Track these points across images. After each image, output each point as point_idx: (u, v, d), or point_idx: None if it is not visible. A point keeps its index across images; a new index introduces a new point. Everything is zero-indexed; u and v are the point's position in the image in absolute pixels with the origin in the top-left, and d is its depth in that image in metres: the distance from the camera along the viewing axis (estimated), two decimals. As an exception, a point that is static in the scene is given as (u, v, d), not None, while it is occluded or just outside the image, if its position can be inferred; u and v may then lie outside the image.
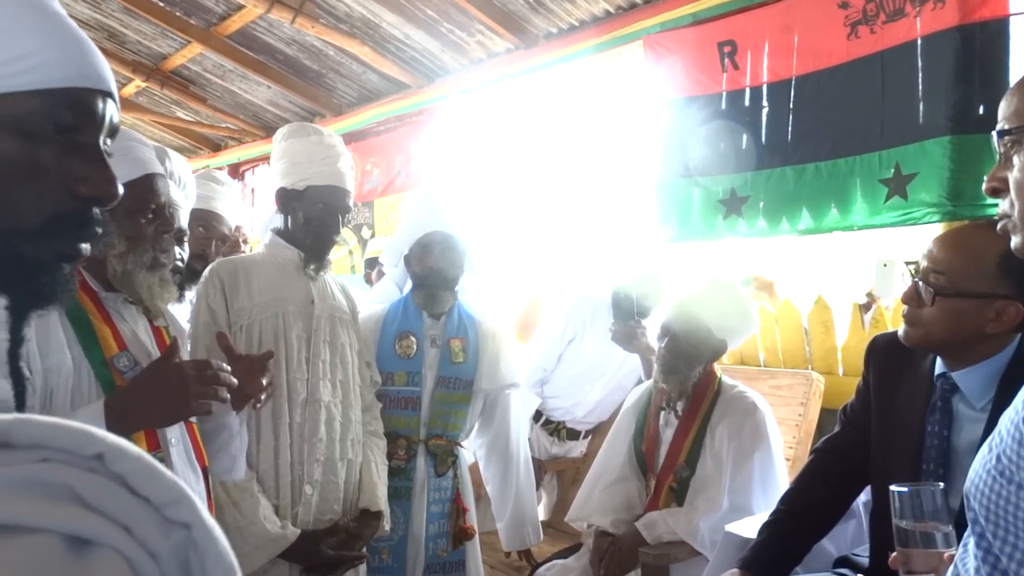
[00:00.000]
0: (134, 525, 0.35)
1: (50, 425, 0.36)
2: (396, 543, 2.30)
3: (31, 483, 0.34)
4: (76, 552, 0.34)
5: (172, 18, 4.74)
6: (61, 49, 0.76)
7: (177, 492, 0.37)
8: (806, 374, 2.92)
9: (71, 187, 0.76)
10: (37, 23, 0.75)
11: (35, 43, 0.74)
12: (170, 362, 1.35)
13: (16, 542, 0.32)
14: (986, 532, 0.87)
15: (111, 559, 0.34)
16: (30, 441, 0.36)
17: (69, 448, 0.36)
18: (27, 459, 0.35)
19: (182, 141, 6.74)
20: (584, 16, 3.72)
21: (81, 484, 0.35)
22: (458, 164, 4.68)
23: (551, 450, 3.34)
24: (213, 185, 2.63)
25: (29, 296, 0.78)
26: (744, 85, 3.13)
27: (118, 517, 0.35)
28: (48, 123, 0.75)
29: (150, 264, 1.45)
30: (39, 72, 0.74)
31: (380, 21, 4.22)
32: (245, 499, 1.88)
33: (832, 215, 2.84)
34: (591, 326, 3.15)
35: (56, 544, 0.33)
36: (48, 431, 0.36)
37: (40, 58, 0.74)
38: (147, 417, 1.32)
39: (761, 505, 2.18)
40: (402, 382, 2.34)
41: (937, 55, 2.53)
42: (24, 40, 0.73)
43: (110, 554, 0.34)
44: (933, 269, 1.51)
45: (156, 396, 1.30)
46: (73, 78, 0.76)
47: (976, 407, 1.53)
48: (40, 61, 0.74)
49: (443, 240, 2.35)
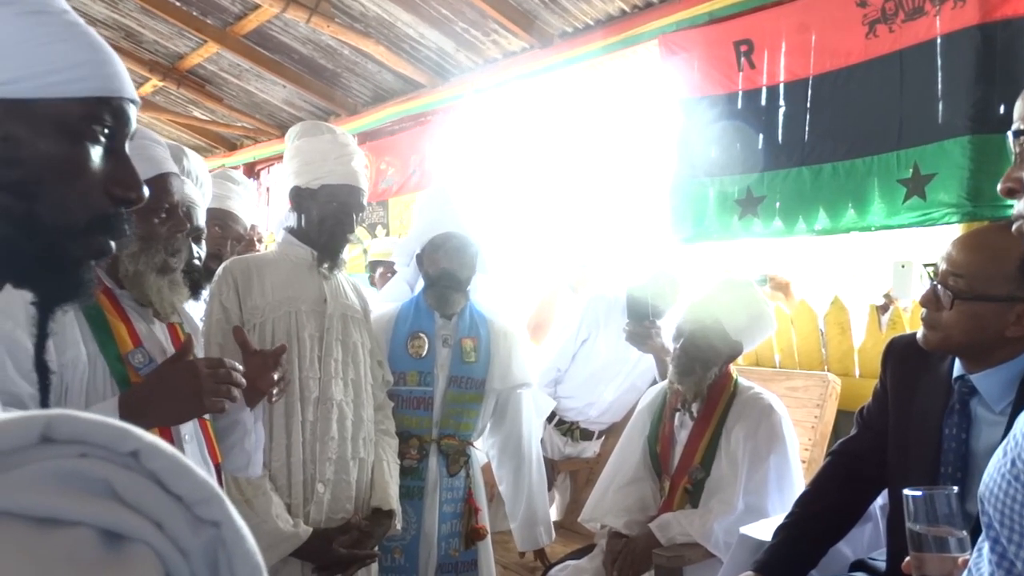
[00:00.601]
0: (166, 522, 0.36)
1: (90, 421, 0.37)
2: (408, 543, 2.30)
3: (70, 477, 0.35)
4: (111, 546, 0.35)
5: (189, 18, 4.77)
6: (105, 64, 0.83)
7: (208, 491, 0.38)
8: (822, 376, 2.89)
9: (107, 188, 0.82)
10: (81, 38, 0.82)
11: (82, 55, 0.81)
12: (184, 360, 1.36)
13: (56, 535, 0.33)
14: (1000, 537, 0.85)
15: (144, 554, 0.35)
16: (70, 436, 0.36)
17: (107, 444, 0.37)
18: (67, 453, 0.36)
19: (198, 140, 6.79)
20: (599, 15, 3.71)
21: (117, 480, 0.36)
22: (472, 163, 4.68)
23: (564, 450, 3.33)
24: (229, 184, 2.63)
25: (57, 292, 0.82)
26: (761, 84, 3.10)
27: (151, 513, 0.36)
28: (93, 128, 0.81)
29: (160, 267, 1.46)
30: (88, 81, 0.80)
31: (395, 20, 4.22)
32: (258, 497, 1.88)
33: (849, 215, 2.81)
34: (605, 326, 3.14)
35: (93, 537, 0.34)
36: (88, 427, 0.37)
37: (87, 70, 0.81)
38: (161, 414, 1.33)
39: (777, 507, 2.16)
40: (414, 382, 2.34)
41: (957, 54, 2.50)
42: (73, 53, 0.80)
43: (143, 549, 0.35)
44: (952, 272, 1.49)
45: (170, 393, 1.31)
46: (112, 89, 0.83)
47: (995, 410, 1.51)
48: (88, 72, 0.81)
49: (455, 241, 2.35)
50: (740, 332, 2.39)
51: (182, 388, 1.31)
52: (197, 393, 1.31)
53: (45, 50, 0.79)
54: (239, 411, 1.60)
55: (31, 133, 0.77)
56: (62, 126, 0.79)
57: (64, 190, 0.79)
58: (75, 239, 0.80)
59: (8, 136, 0.76)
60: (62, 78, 0.79)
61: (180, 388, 1.31)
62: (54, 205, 0.78)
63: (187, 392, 1.31)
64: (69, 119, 0.79)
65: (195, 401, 1.32)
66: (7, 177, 0.76)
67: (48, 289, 0.81)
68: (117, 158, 0.84)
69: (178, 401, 1.31)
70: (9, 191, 0.76)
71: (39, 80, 0.78)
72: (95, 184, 0.81)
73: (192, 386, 1.31)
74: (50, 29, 0.80)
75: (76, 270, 0.82)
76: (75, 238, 0.80)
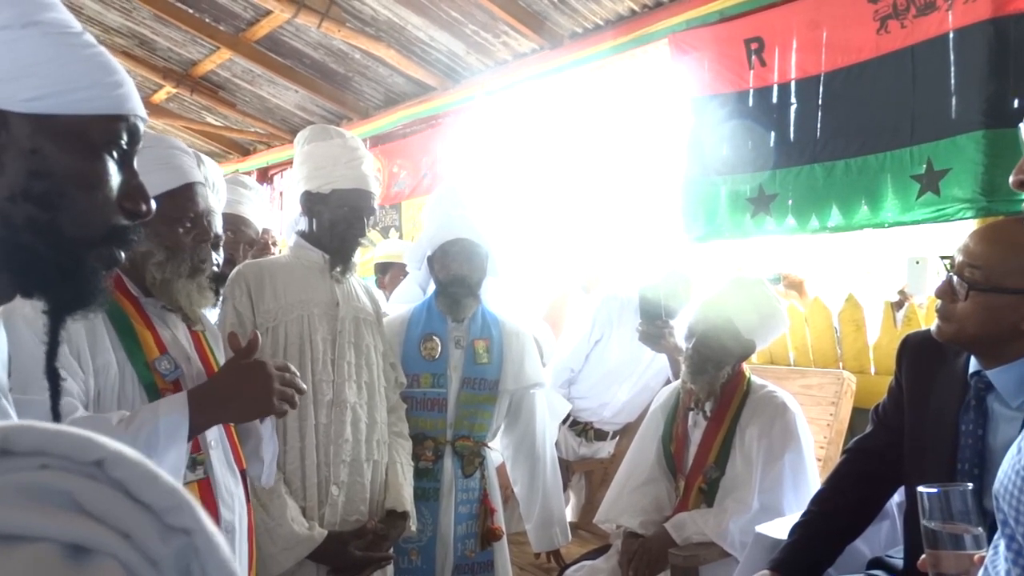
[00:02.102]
0: (134, 531, 0.35)
1: (50, 431, 0.36)
2: (425, 544, 2.31)
3: (31, 491, 0.34)
4: (75, 560, 0.33)
5: (201, 25, 4.80)
6: (122, 84, 0.87)
7: (177, 498, 0.37)
8: (837, 373, 2.88)
9: (120, 201, 0.86)
10: (99, 58, 0.87)
11: (101, 75, 0.85)
12: (254, 359, 1.38)
13: (17, 552, 0.32)
14: (1016, 534, 0.85)
15: (110, 567, 0.34)
16: (30, 448, 0.35)
17: (69, 455, 0.36)
18: (27, 466, 0.35)
19: (212, 146, 6.83)
20: (609, 15, 3.71)
21: (81, 491, 0.35)
22: (484, 165, 4.68)
23: (579, 451, 3.33)
24: (240, 189, 2.64)
25: (71, 301, 0.85)
26: (772, 82, 3.09)
27: (118, 524, 0.35)
28: (110, 143, 0.85)
29: (188, 272, 1.47)
30: (106, 99, 0.85)
31: (405, 24, 4.24)
32: (273, 500, 1.90)
33: (863, 212, 2.79)
34: (618, 326, 3.13)
35: (56, 553, 0.33)
36: (48, 437, 0.36)
37: (106, 88, 0.85)
38: (231, 410, 1.36)
39: (792, 506, 2.15)
40: (427, 384, 2.34)
41: (970, 49, 2.48)
42: (93, 72, 0.85)
43: (109, 562, 0.34)
44: (969, 263, 1.48)
45: (242, 391, 1.34)
46: (128, 107, 0.88)
47: (1012, 406, 1.49)
48: (106, 91, 0.85)
49: (465, 245, 2.35)
50: (752, 331, 2.38)
51: (255, 387, 1.34)
52: (269, 393, 1.34)
53: (69, 69, 0.82)
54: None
55: (56, 147, 0.81)
56: (84, 141, 0.83)
57: (85, 202, 0.83)
58: (92, 249, 0.84)
59: (36, 149, 0.80)
60: (84, 96, 0.83)
61: (253, 386, 1.34)
62: (75, 216, 0.82)
63: (260, 391, 1.34)
64: (90, 134, 0.83)
65: (267, 400, 1.34)
66: (34, 188, 0.79)
67: (62, 298, 0.84)
68: (129, 172, 0.88)
69: (250, 399, 1.34)
70: (35, 202, 0.79)
71: (63, 97, 0.81)
72: (111, 197, 0.85)
73: (266, 386, 1.34)
74: (72, 50, 0.84)
75: (91, 279, 0.85)
76: (92, 248, 0.84)
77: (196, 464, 1.41)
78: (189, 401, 1.29)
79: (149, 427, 1.22)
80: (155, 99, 5.97)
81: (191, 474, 1.39)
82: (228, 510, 1.45)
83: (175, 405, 1.28)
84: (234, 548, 1.45)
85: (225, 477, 1.47)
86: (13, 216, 0.78)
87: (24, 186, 0.78)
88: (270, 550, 1.87)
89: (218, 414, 1.34)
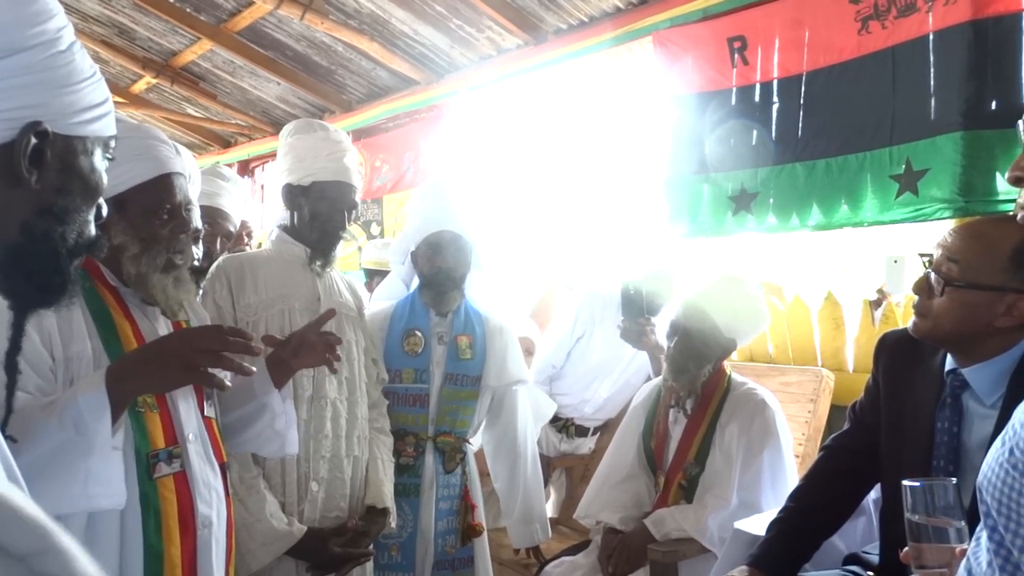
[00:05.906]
0: None
1: None
2: (405, 540, 2.31)
3: None
4: None
5: (182, 14, 4.75)
6: (111, 107, 0.95)
7: (43, 542, 0.34)
8: (816, 371, 2.90)
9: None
10: (101, 82, 0.94)
11: (103, 97, 0.93)
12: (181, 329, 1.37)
13: None
14: (998, 526, 0.86)
15: None
16: None
17: None
18: None
19: (192, 138, 6.77)
20: (594, 12, 3.71)
21: None
22: (468, 160, 4.67)
23: (560, 447, 3.33)
24: (218, 181, 2.60)
25: (35, 298, 0.88)
26: (754, 81, 3.11)
27: None
28: (104, 155, 0.92)
29: (164, 266, 1.45)
30: (105, 119, 0.93)
31: (389, 17, 4.21)
32: (251, 496, 1.88)
33: (842, 211, 2.81)
34: (600, 323, 3.14)
35: None
36: None
37: (103, 109, 0.93)
38: (152, 378, 1.26)
39: (770, 502, 2.17)
40: (409, 379, 2.34)
41: (949, 50, 2.50)
42: (97, 93, 0.93)
43: None
44: (947, 257, 1.50)
45: (151, 360, 1.25)
46: (115, 127, 0.96)
47: (986, 404, 1.51)
48: (104, 111, 0.93)
49: (450, 239, 2.35)
50: (734, 329, 2.40)
51: (164, 355, 1.25)
52: (188, 357, 1.23)
53: (83, 90, 0.89)
54: (266, 394, 1.58)
55: (76, 162, 0.87)
56: (91, 156, 0.90)
57: (87, 213, 0.90)
58: (80, 254, 0.89)
59: (65, 168, 0.86)
60: (92, 116, 0.90)
61: (162, 355, 1.25)
62: (79, 226, 0.88)
63: (168, 359, 1.24)
64: (95, 150, 0.90)
65: (185, 366, 1.23)
66: (59, 204, 0.85)
67: (30, 295, 0.87)
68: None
69: (158, 368, 1.24)
70: (54, 216, 0.84)
71: (78, 117, 0.88)
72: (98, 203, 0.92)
73: (182, 350, 1.24)
74: (86, 66, 0.91)
75: (72, 280, 0.90)
76: (81, 253, 0.89)
77: (172, 457, 1.38)
78: (107, 376, 1.21)
79: (72, 409, 1.16)
80: (134, 89, 5.90)
81: (167, 467, 1.37)
82: (205, 504, 1.43)
83: (93, 382, 1.21)
84: (212, 543, 1.44)
85: (203, 471, 1.45)
86: (35, 228, 0.83)
87: (51, 202, 0.84)
88: (249, 546, 1.86)
89: (138, 384, 1.24)
